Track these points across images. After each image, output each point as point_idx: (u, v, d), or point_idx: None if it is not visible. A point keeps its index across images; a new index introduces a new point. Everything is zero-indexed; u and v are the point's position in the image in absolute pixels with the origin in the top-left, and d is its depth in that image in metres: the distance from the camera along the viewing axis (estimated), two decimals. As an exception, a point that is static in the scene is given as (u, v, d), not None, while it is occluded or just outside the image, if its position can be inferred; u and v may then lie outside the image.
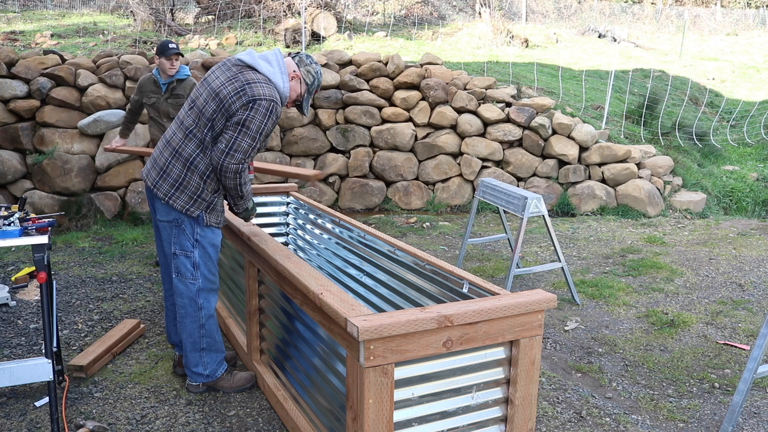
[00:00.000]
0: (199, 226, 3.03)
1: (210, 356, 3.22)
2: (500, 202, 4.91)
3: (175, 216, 3.01)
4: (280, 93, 2.92)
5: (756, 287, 5.08)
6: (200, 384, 3.26)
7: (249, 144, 2.82)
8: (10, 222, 2.82)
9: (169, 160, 2.99)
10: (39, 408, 3.17)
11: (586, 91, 9.53)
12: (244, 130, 2.80)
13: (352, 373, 2.14)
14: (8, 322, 4.23)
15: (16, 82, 6.62)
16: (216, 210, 3.06)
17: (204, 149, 2.92)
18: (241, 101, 2.79)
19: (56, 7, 13.12)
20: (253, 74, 2.85)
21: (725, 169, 8.72)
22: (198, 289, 3.09)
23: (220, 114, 2.83)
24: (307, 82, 3.03)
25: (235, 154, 2.81)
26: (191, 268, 3.06)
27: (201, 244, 3.05)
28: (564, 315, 4.57)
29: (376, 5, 14.94)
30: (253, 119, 2.79)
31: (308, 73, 3.02)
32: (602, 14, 18.68)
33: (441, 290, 2.91)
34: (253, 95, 2.79)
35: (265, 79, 2.86)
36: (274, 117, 2.86)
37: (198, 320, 3.13)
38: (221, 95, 2.83)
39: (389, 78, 7.86)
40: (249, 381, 3.34)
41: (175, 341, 3.53)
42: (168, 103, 4.97)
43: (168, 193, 2.97)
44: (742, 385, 2.90)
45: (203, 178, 2.95)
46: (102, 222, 6.66)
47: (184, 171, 2.95)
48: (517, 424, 2.37)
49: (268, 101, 2.80)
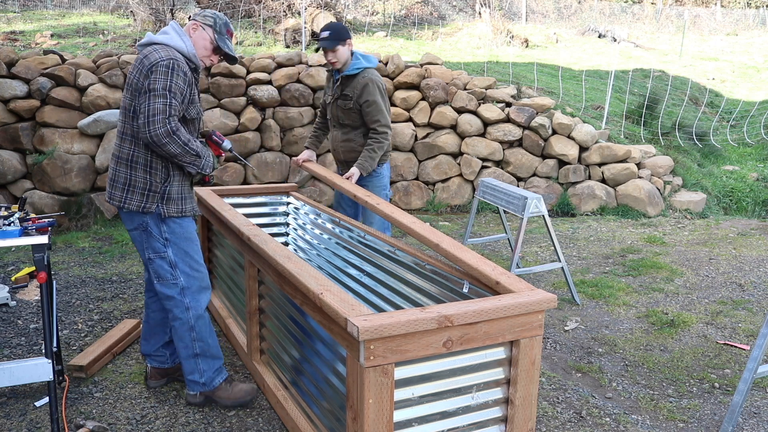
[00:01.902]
0: (164, 223, 2.97)
1: (206, 362, 3.10)
2: (500, 202, 4.91)
3: (139, 221, 2.96)
4: (184, 53, 2.90)
5: (756, 287, 5.08)
6: (197, 394, 3.15)
7: (163, 103, 2.74)
8: (10, 222, 2.82)
9: (114, 168, 2.97)
10: (39, 408, 3.17)
11: (586, 91, 9.53)
12: (152, 94, 2.74)
13: (352, 373, 2.14)
14: (8, 322, 4.23)
15: (16, 82, 6.62)
16: (173, 199, 2.97)
17: (138, 142, 2.89)
18: (142, 74, 2.79)
19: (56, 7, 13.11)
20: (150, 48, 2.87)
21: (725, 169, 8.72)
22: (182, 289, 3.01)
23: (134, 98, 2.84)
24: (209, 24, 2.97)
25: (154, 118, 2.73)
26: (169, 268, 2.99)
27: (171, 241, 2.98)
28: (564, 315, 4.57)
29: (376, 5, 14.93)
30: (156, 80, 2.75)
31: (205, 17, 2.98)
32: (602, 14, 18.68)
33: (441, 290, 2.91)
34: (150, 63, 2.78)
35: (160, 46, 2.86)
36: (181, 73, 2.80)
37: (187, 322, 3.03)
38: (130, 81, 2.86)
39: (389, 78, 7.86)
40: (249, 394, 3.17)
41: (145, 351, 3.37)
42: (337, 105, 4.20)
43: (122, 199, 2.94)
44: (742, 385, 2.90)
45: (147, 169, 2.91)
46: (102, 222, 6.66)
47: (129, 171, 2.92)
48: (517, 425, 2.37)
49: (166, 60, 2.78)
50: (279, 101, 7.44)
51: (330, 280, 2.50)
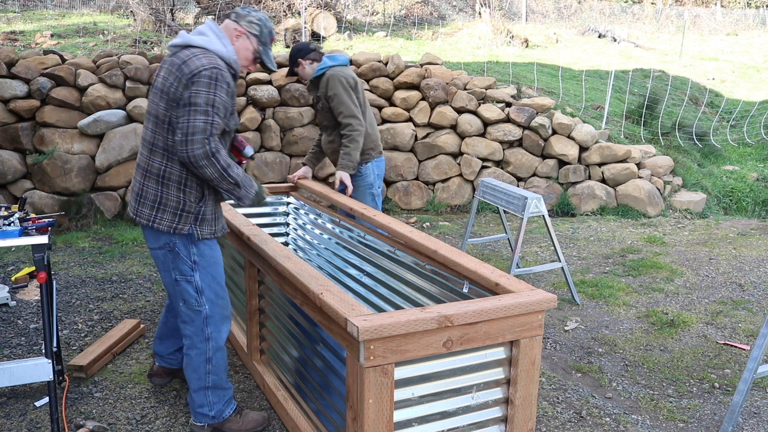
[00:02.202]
0: (193, 244, 2.74)
1: (216, 395, 2.89)
2: (500, 202, 4.91)
3: (166, 240, 2.73)
4: (225, 58, 2.66)
5: (756, 287, 5.08)
6: (205, 426, 2.92)
7: (204, 121, 2.53)
8: (10, 222, 2.82)
9: (142, 182, 2.74)
10: (39, 408, 3.17)
11: (586, 91, 9.53)
12: (193, 109, 2.52)
13: (352, 373, 2.14)
14: (8, 322, 4.23)
15: (16, 82, 6.61)
16: (207, 219, 2.76)
17: (172, 158, 2.65)
18: (181, 83, 2.55)
19: (56, 7, 13.11)
20: (187, 51, 2.62)
21: (725, 169, 8.72)
22: (205, 317, 2.79)
23: (171, 108, 2.59)
24: (254, 34, 2.76)
25: (194, 137, 2.51)
26: (195, 294, 2.77)
27: (200, 265, 2.76)
28: (564, 315, 4.57)
29: (376, 5, 14.93)
30: (198, 93, 2.53)
31: (251, 24, 2.76)
32: (602, 14, 18.68)
33: (441, 290, 2.91)
34: (191, 70, 2.54)
35: (200, 51, 2.61)
36: (224, 84, 2.59)
37: (204, 353, 2.81)
38: (165, 89, 2.61)
39: (389, 78, 7.86)
40: (261, 424, 2.98)
41: (158, 351, 3.29)
42: (317, 110, 4.41)
43: (150, 217, 2.71)
44: (742, 385, 2.90)
45: (181, 188, 2.68)
46: (102, 222, 6.66)
47: (160, 188, 2.69)
48: (517, 425, 2.37)
49: (208, 69, 2.55)
50: (279, 101, 7.44)
51: (330, 280, 2.50)
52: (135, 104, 6.84)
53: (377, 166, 4.36)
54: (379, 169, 4.38)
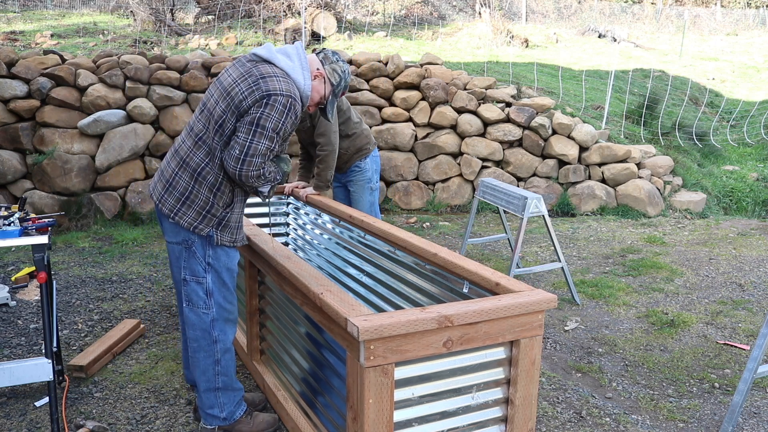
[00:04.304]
0: (211, 247, 2.71)
1: (227, 396, 2.85)
2: (500, 202, 4.91)
3: (185, 236, 2.69)
4: (300, 91, 2.60)
5: (756, 287, 5.08)
6: (216, 427, 2.88)
7: (267, 146, 2.49)
8: (10, 222, 2.82)
9: (175, 171, 2.68)
10: (39, 408, 3.17)
11: (586, 91, 9.53)
12: (259, 131, 2.48)
13: (353, 373, 2.14)
14: (8, 322, 4.23)
15: (16, 82, 6.61)
16: (229, 227, 2.73)
17: (213, 159, 2.61)
18: (253, 97, 2.48)
19: (56, 7, 13.11)
20: (269, 68, 2.55)
21: (725, 169, 8.72)
22: (212, 320, 2.76)
23: (230, 113, 2.53)
24: (332, 82, 2.74)
25: (253, 159, 2.49)
26: (204, 296, 2.73)
27: (214, 268, 2.73)
28: (564, 315, 4.57)
29: (376, 5, 14.93)
30: (269, 117, 2.47)
31: (333, 72, 2.73)
32: (602, 14, 18.68)
33: (441, 290, 2.91)
34: (268, 90, 2.48)
35: (282, 74, 2.54)
36: (293, 116, 2.53)
37: (212, 355, 2.78)
38: (233, 93, 2.53)
39: (389, 78, 7.86)
40: (272, 425, 2.94)
41: (191, 380, 3.19)
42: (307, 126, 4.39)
43: (174, 209, 2.66)
44: (742, 385, 2.90)
45: (213, 191, 2.65)
46: (102, 222, 6.66)
47: (192, 183, 2.64)
48: (517, 425, 2.37)
49: (285, 97, 2.48)
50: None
51: (330, 280, 2.50)
52: (135, 104, 6.84)
53: (374, 161, 4.45)
54: (375, 163, 4.47)
